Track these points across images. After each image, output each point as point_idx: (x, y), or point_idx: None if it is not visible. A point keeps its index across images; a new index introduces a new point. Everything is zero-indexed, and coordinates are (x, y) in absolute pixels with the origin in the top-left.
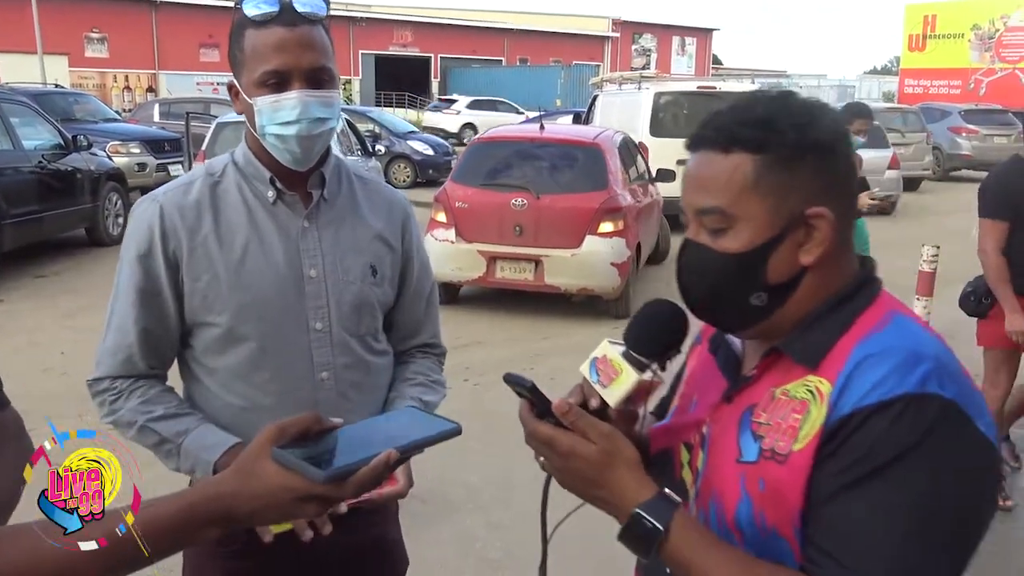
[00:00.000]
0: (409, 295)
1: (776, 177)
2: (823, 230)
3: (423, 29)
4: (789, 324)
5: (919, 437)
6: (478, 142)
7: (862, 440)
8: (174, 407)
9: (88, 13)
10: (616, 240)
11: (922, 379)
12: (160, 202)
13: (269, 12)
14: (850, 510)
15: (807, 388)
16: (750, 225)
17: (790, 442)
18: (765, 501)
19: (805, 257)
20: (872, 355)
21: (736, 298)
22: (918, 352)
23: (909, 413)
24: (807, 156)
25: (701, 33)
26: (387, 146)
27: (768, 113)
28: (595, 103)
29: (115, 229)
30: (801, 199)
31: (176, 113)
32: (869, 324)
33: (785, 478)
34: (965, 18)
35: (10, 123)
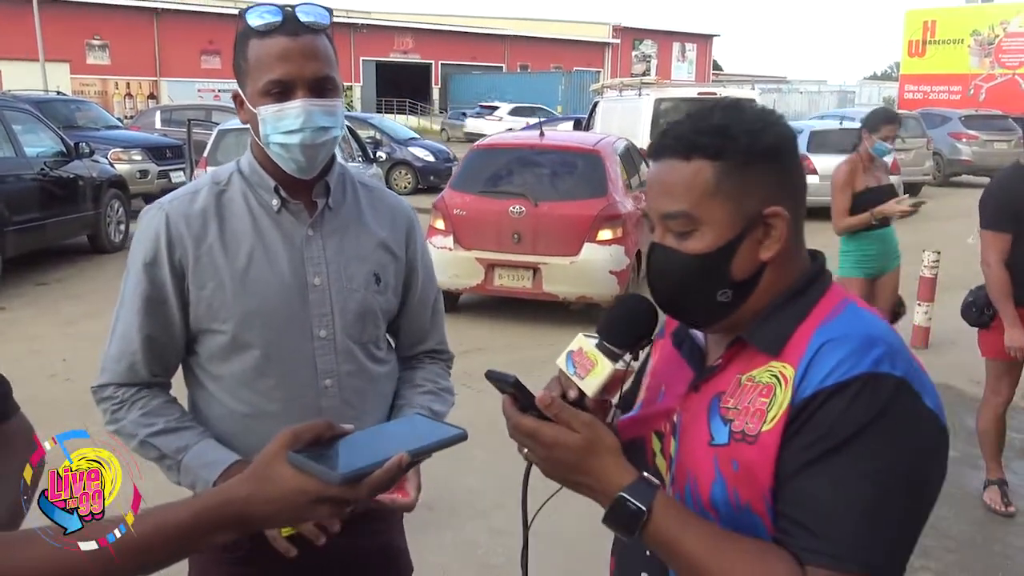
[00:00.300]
0: (414, 302)
1: (734, 181)
2: (780, 228)
3: (424, 36)
4: (750, 316)
5: (875, 414)
6: (477, 149)
7: (823, 419)
8: (175, 420)
9: (90, 20)
10: (615, 248)
11: (876, 360)
12: (166, 210)
13: (272, 22)
14: (816, 484)
15: (771, 373)
16: (713, 227)
17: (759, 424)
18: (738, 480)
19: (765, 253)
20: (830, 340)
21: (704, 296)
22: (872, 336)
23: (866, 392)
24: (760, 160)
25: (701, 39)
26: (388, 152)
27: (724, 121)
28: (596, 109)
29: (117, 236)
30: (758, 200)
31: (178, 120)
32: (824, 312)
33: (756, 458)
34: (965, 24)
35: (12, 130)
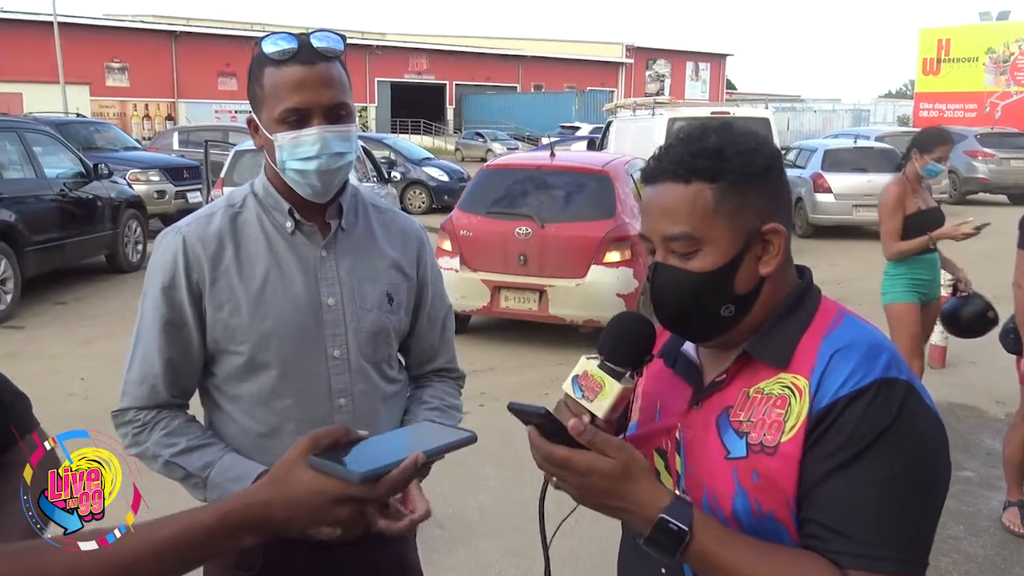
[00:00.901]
0: (424, 321)
1: (732, 201)
2: (777, 243)
3: (438, 56)
4: (749, 330)
5: (892, 417)
6: (486, 169)
7: (844, 425)
8: (196, 439)
9: (109, 43)
10: (623, 270)
11: (885, 366)
12: (183, 233)
13: (288, 50)
14: (845, 488)
15: (782, 385)
16: (716, 246)
17: (778, 435)
18: (759, 491)
19: (764, 268)
20: (840, 349)
21: (709, 312)
22: (877, 343)
23: (881, 396)
24: (755, 180)
25: (715, 58)
26: (403, 172)
27: (719, 144)
28: (609, 129)
29: (135, 256)
30: (755, 217)
31: (195, 141)
32: (825, 323)
33: (777, 467)
34: (980, 42)
35: (33, 152)
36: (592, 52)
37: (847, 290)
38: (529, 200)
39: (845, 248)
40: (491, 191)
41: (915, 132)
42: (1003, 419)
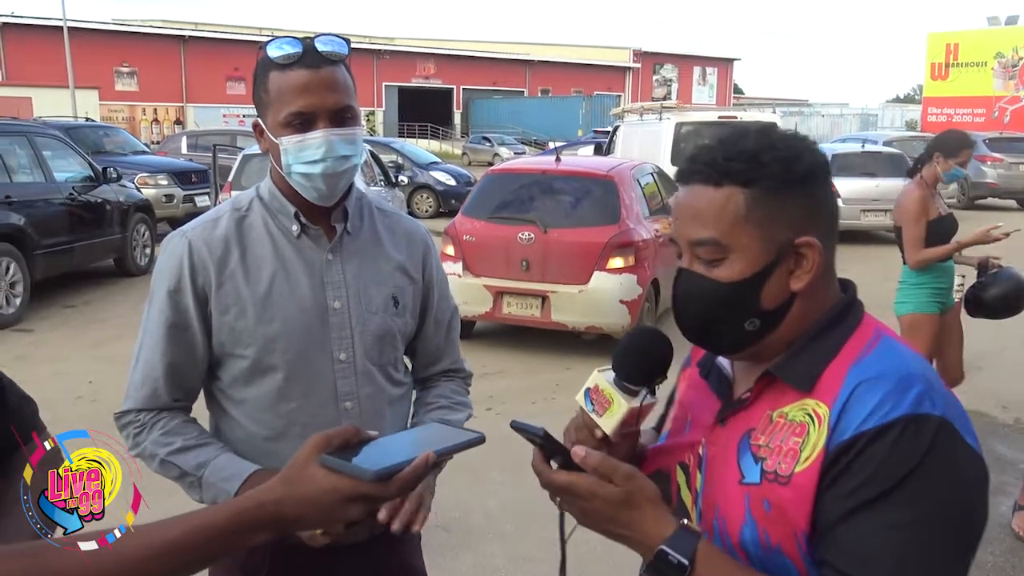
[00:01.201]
0: (431, 324)
1: (765, 209)
2: (811, 258)
3: (446, 61)
4: (779, 346)
5: (920, 457)
6: (491, 174)
7: (867, 463)
8: (193, 438)
9: (118, 48)
10: (626, 276)
11: (916, 400)
12: (189, 237)
13: (292, 54)
14: (863, 532)
15: (804, 411)
16: (744, 255)
17: (792, 464)
18: (769, 521)
19: (795, 284)
20: (867, 380)
21: (731, 324)
22: (910, 374)
23: (908, 433)
24: (793, 188)
25: (722, 63)
26: (410, 176)
27: (755, 147)
28: (616, 133)
29: (143, 260)
30: (790, 229)
31: (204, 145)
32: (858, 347)
33: (789, 498)
34: (988, 46)
35: (43, 156)
36: (599, 57)
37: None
38: (532, 205)
39: (853, 253)
40: (495, 196)
41: (932, 136)
42: (1011, 424)
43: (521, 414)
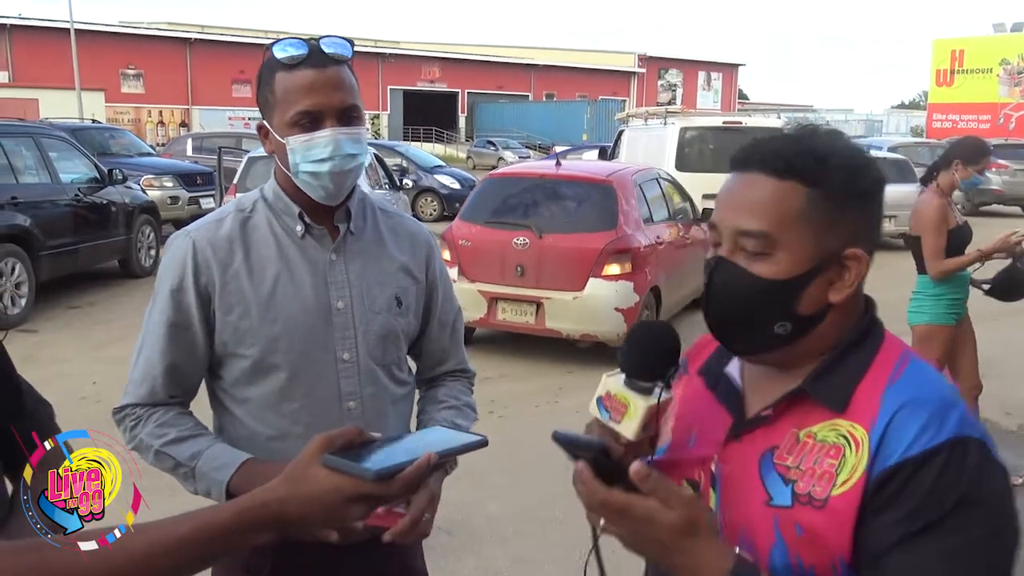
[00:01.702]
0: (435, 324)
1: (824, 213)
2: (855, 271)
3: (451, 65)
4: (804, 357)
5: (969, 482)
6: (489, 178)
7: (915, 489)
8: (188, 429)
9: (125, 50)
10: (622, 284)
11: (958, 424)
12: (192, 237)
13: (299, 55)
14: (916, 560)
15: (838, 433)
16: (790, 254)
17: (828, 487)
18: (801, 545)
19: (834, 295)
20: (907, 404)
21: (763, 324)
22: (948, 398)
23: (956, 458)
24: (853, 199)
25: (727, 68)
26: (414, 180)
27: (826, 150)
28: (621, 138)
29: (147, 261)
30: (841, 238)
31: (209, 148)
32: (888, 366)
33: (824, 522)
34: (993, 53)
35: (49, 157)
36: (604, 61)
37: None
38: (529, 210)
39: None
40: (492, 200)
41: (947, 142)
42: (1015, 431)
43: (524, 418)
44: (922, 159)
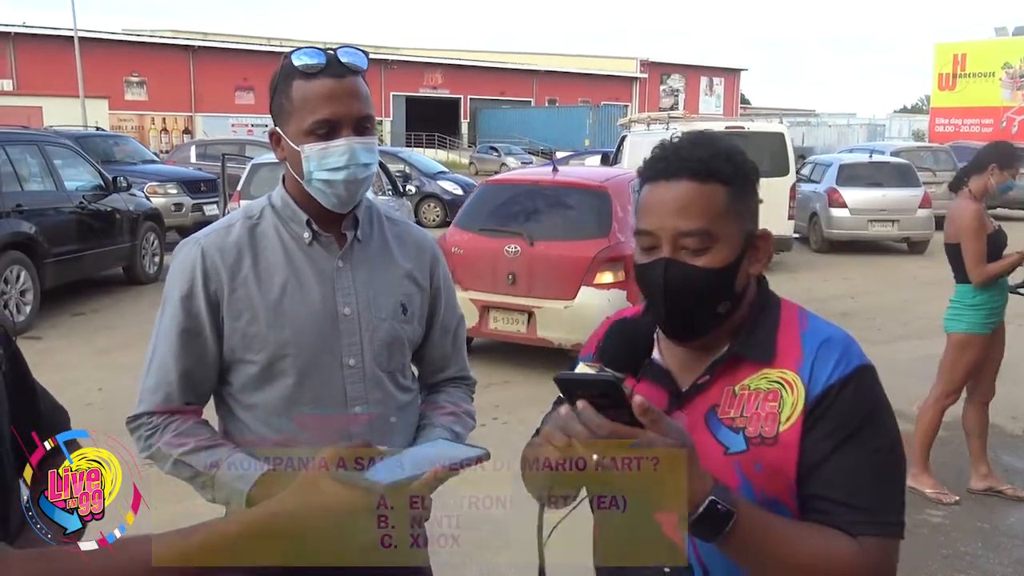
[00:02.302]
0: (437, 331)
1: (739, 204)
2: (765, 247)
3: (453, 71)
4: (729, 328)
5: (876, 397)
6: (485, 185)
7: (839, 409)
8: (206, 439)
9: (128, 58)
10: (615, 293)
11: (859, 355)
12: (202, 244)
13: (317, 64)
14: (844, 465)
15: (769, 380)
16: (726, 244)
17: (775, 426)
18: (763, 479)
19: (754, 269)
20: (822, 344)
21: (711, 307)
22: (846, 336)
23: (865, 380)
24: (750, 186)
25: (729, 73)
26: (417, 186)
27: (727, 151)
28: (623, 143)
29: (152, 268)
30: (751, 221)
31: (212, 155)
32: (793, 320)
33: (779, 455)
34: (996, 57)
35: (53, 165)
36: (606, 67)
37: (861, 304)
38: (522, 217)
39: (860, 263)
40: (486, 207)
41: (982, 148)
42: (1020, 435)
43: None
44: (925, 163)
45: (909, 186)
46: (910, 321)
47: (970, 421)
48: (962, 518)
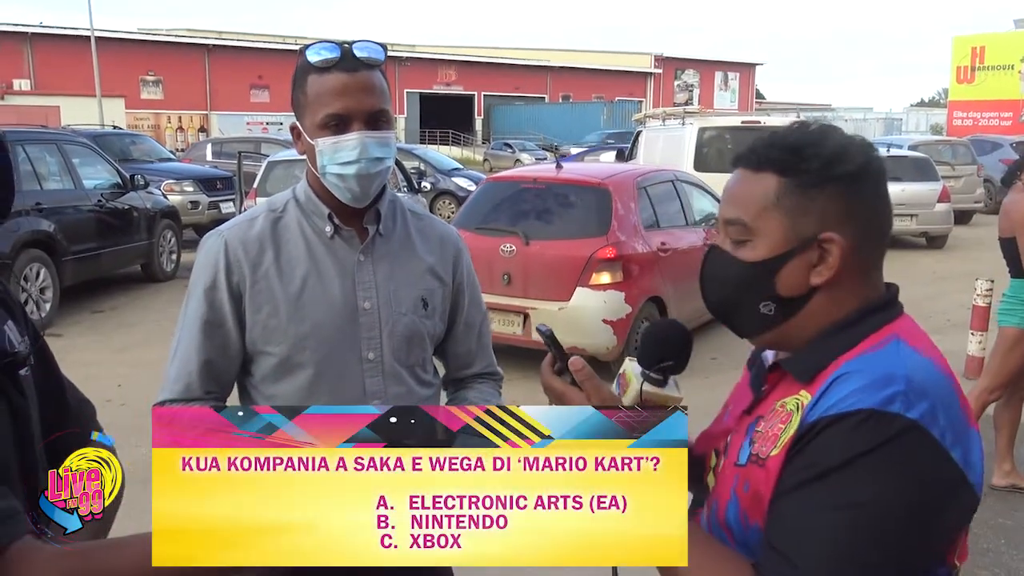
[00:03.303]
0: (461, 327)
1: (795, 199)
2: (834, 255)
3: (467, 68)
4: (801, 339)
5: (871, 446)
6: (486, 182)
7: (820, 445)
8: None
9: (144, 57)
10: (612, 294)
11: (888, 398)
12: (225, 237)
13: (331, 59)
14: (797, 508)
15: (796, 402)
16: (767, 239)
17: (770, 448)
18: (747, 501)
19: (815, 278)
20: (851, 372)
21: (747, 304)
22: (892, 373)
23: (868, 426)
24: (828, 184)
25: (744, 68)
26: (432, 183)
27: (799, 141)
28: (639, 139)
29: (169, 265)
30: (816, 223)
31: (228, 152)
32: (866, 345)
33: (762, 479)
34: (1014, 50)
35: (72, 163)
36: (620, 62)
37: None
38: (519, 215)
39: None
40: (486, 205)
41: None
42: None
43: None
44: (944, 157)
45: (928, 180)
46: (928, 316)
47: (1002, 416)
48: (984, 515)
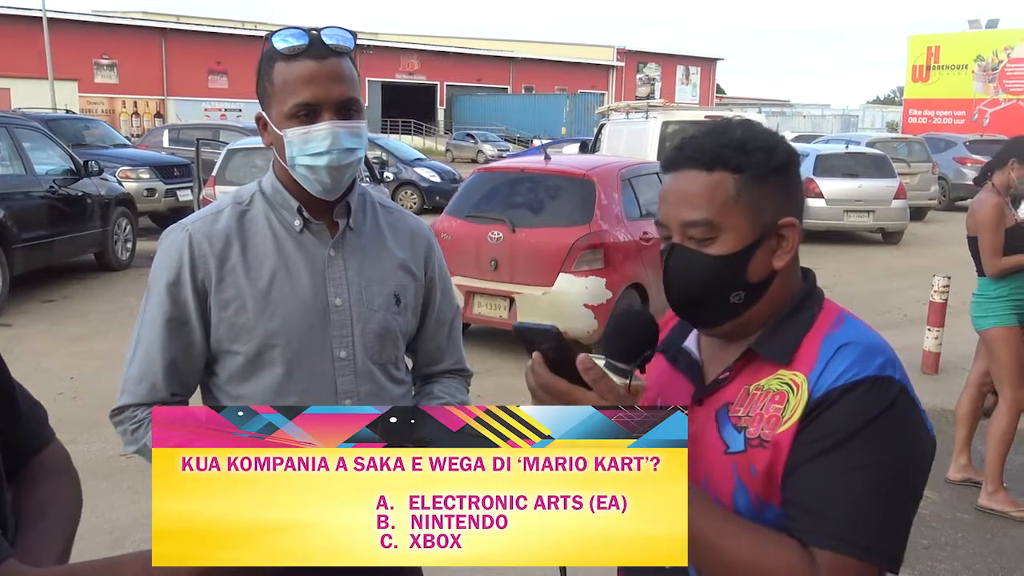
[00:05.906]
0: (432, 322)
1: (753, 193)
2: (792, 238)
3: (429, 57)
4: (756, 324)
5: (879, 412)
6: (477, 172)
7: (834, 414)
8: None
9: (98, 39)
10: (593, 280)
11: (881, 365)
12: (189, 231)
13: (299, 46)
14: (823, 471)
15: (781, 381)
16: (733, 234)
17: (775, 428)
18: (759, 484)
19: (778, 261)
20: (841, 347)
21: (719, 296)
22: (876, 344)
23: (874, 390)
24: (774, 175)
25: (705, 62)
26: (395, 173)
27: (742, 138)
28: (602, 132)
29: (124, 254)
30: (772, 211)
31: (186, 139)
32: (826, 324)
33: (771, 459)
34: (969, 49)
35: (23, 148)
36: (583, 55)
37: (836, 294)
38: (507, 204)
39: (835, 253)
40: (476, 194)
41: (1006, 143)
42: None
43: None
44: (900, 155)
45: (885, 177)
46: (885, 311)
47: (964, 407)
48: (941, 509)
